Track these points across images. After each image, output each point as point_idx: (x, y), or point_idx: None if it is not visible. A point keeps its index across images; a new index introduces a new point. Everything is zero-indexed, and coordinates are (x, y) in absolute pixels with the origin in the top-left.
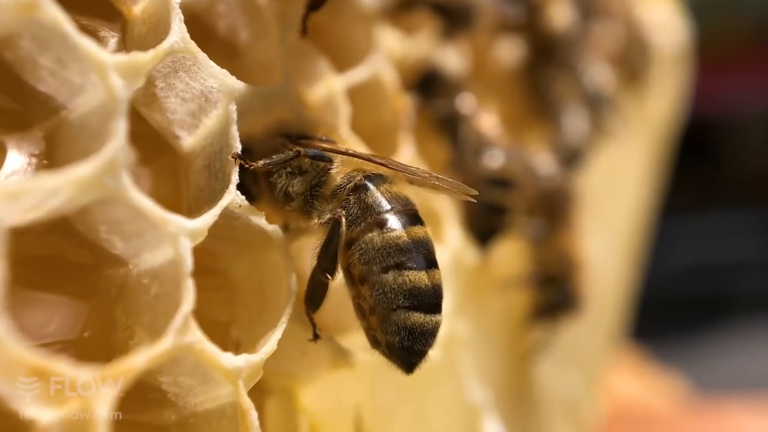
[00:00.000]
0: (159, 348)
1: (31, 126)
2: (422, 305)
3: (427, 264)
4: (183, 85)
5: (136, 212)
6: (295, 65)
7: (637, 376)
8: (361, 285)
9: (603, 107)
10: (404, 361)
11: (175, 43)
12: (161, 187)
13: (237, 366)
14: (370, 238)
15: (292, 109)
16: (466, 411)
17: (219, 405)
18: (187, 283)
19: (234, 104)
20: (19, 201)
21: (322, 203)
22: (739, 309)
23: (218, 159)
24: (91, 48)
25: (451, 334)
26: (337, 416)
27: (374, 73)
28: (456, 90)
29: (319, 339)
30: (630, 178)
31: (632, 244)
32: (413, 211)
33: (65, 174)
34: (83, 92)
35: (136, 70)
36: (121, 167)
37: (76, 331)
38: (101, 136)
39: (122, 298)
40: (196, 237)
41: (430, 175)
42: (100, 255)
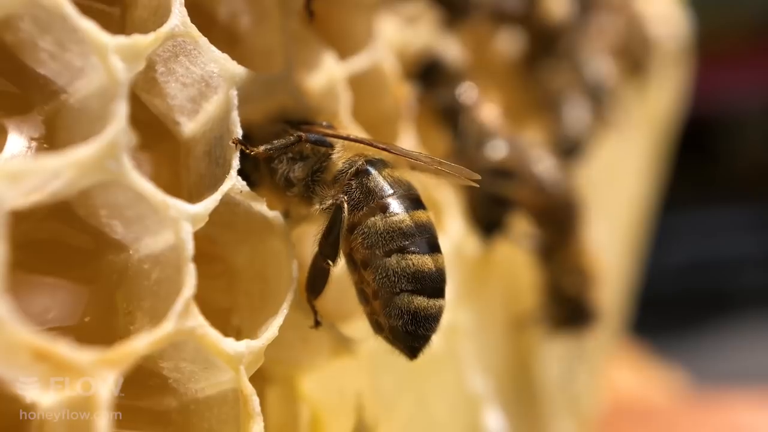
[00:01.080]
0: (160, 332)
1: (30, 109)
2: (426, 289)
3: (430, 248)
4: (183, 69)
5: (137, 196)
6: (296, 52)
7: (636, 370)
8: (363, 270)
9: (604, 98)
10: (408, 346)
11: (175, 27)
12: (161, 174)
13: (238, 351)
14: (372, 223)
15: (293, 96)
16: (466, 400)
17: (220, 391)
18: (188, 268)
19: (235, 89)
20: (21, 182)
21: (324, 189)
22: (738, 304)
23: (219, 145)
24: (92, 30)
25: (453, 324)
26: (338, 404)
27: (375, 62)
28: (457, 80)
29: (320, 326)
30: (630, 171)
31: (632, 236)
32: (415, 196)
33: (66, 155)
34: (84, 75)
35: (136, 53)
36: (122, 150)
37: (76, 317)
38: (102, 119)
39: (123, 284)
40: (197, 222)
41: (432, 160)
42: (101, 240)
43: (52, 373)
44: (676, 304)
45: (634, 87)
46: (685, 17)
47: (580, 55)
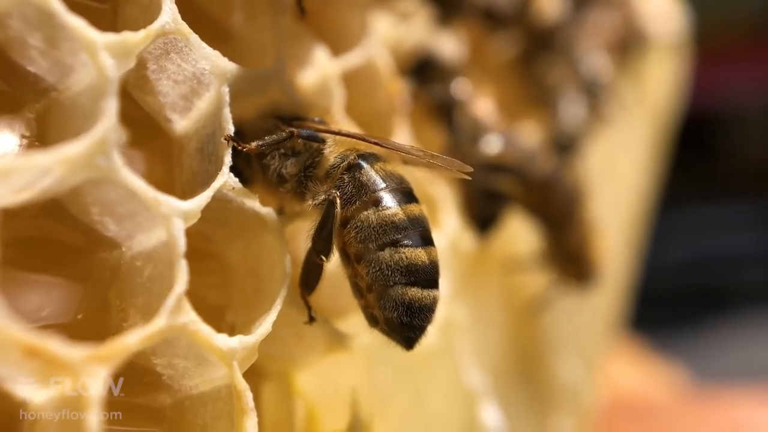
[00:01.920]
0: (152, 328)
1: (21, 107)
2: (419, 281)
3: (423, 241)
4: (175, 67)
5: (128, 193)
6: (288, 49)
7: (636, 366)
8: (357, 264)
9: (600, 94)
10: (404, 337)
11: (166, 24)
12: (154, 171)
13: (232, 347)
14: (365, 217)
15: (285, 92)
16: (463, 395)
17: (214, 387)
18: (180, 264)
19: (226, 86)
20: (11, 179)
21: (316, 184)
22: (738, 300)
23: (211, 142)
24: (81, 27)
25: (449, 319)
26: (333, 399)
27: (368, 58)
28: (451, 75)
29: (314, 322)
30: (629, 166)
31: (632, 232)
32: (408, 189)
33: (56, 152)
34: (74, 72)
35: (126, 50)
36: (112, 147)
37: (69, 314)
38: (92, 116)
39: (116, 281)
40: (189, 218)
41: (425, 153)
42: (93, 237)
43: (44, 370)
44: (675, 300)
45: (630, 82)
46: (684, 13)
47: (576, 50)
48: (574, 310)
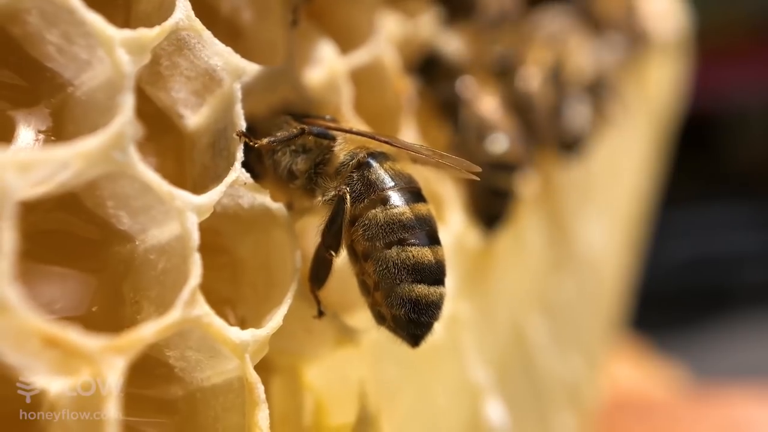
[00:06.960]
0: (167, 320)
1: (38, 102)
2: (425, 280)
3: (430, 240)
4: (187, 63)
5: (143, 187)
6: (298, 46)
7: (637, 365)
8: (364, 261)
9: (604, 93)
10: (410, 334)
11: (180, 20)
12: (166, 166)
13: (244, 340)
14: (373, 215)
15: (296, 89)
16: (468, 391)
17: (226, 379)
18: (194, 258)
19: (238, 82)
20: (30, 173)
21: (326, 181)
22: (739, 300)
23: (223, 137)
24: (99, 23)
25: (454, 315)
26: (341, 393)
27: (376, 56)
28: (457, 73)
29: (323, 316)
30: (630, 166)
31: (633, 231)
32: (416, 189)
33: (74, 146)
34: (90, 68)
35: (142, 46)
36: (128, 141)
37: (84, 307)
38: (109, 111)
39: (130, 274)
40: (202, 212)
41: (434, 153)
42: (108, 231)
43: (63, 360)
44: (676, 299)
45: (632, 82)
46: (685, 13)
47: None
48: (576, 309)
